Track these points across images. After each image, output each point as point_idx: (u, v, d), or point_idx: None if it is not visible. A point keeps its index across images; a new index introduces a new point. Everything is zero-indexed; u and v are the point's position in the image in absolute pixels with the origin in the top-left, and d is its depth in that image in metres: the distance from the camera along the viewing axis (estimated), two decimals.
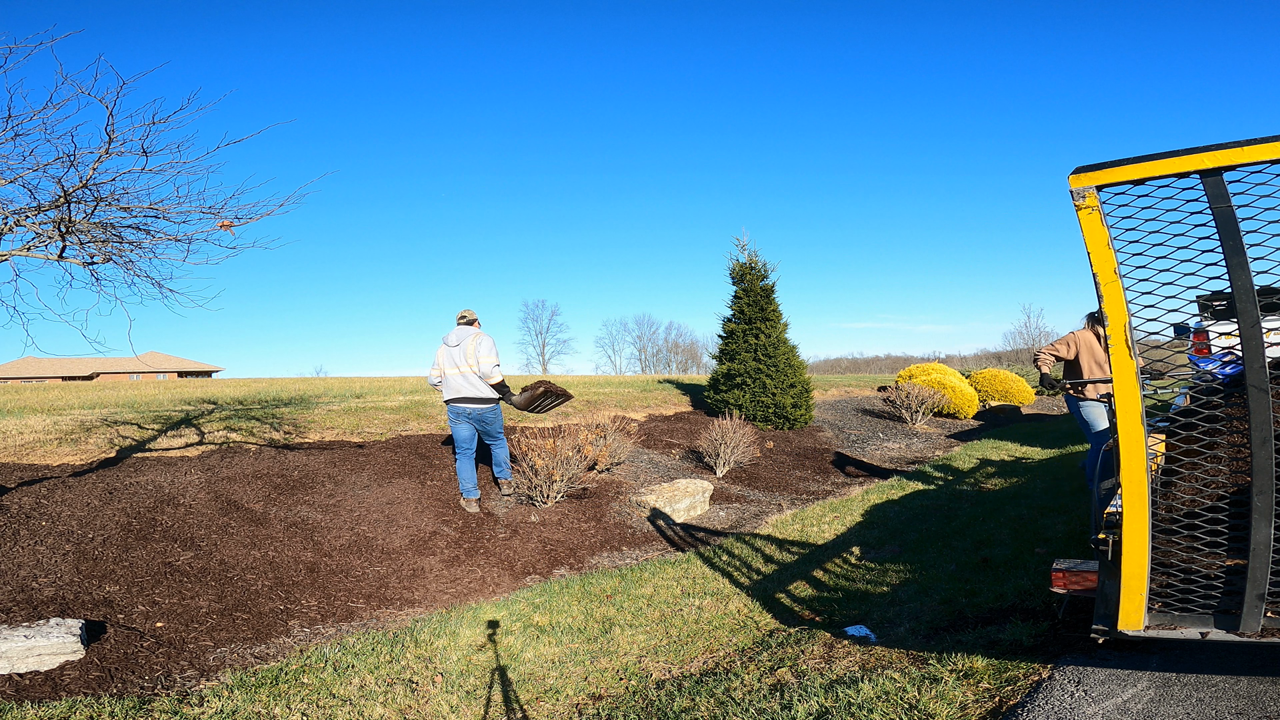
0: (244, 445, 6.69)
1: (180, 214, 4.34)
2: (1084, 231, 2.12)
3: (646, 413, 11.08)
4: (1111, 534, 2.46)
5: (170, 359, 54.68)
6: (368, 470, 6.53)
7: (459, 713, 3.14)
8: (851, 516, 6.64)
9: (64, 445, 6.07)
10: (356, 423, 8.12)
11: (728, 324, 11.87)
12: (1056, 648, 3.08)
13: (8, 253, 4.05)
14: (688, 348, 68.61)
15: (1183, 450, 2.38)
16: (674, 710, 2.97)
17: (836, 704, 2.77)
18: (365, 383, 16.33)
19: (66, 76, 3.66)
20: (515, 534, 5.82)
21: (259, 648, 3.69)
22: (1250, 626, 2.20)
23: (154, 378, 41.40)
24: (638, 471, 7.88)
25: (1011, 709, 2.57)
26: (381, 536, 5.34)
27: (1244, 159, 1.93)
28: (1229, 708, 2.44)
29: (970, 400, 15.47)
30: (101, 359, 43.62)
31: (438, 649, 3.68)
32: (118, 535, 4.50)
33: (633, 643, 3.84)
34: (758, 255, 11.70)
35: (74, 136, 4.30)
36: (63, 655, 3.16)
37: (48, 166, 3.91)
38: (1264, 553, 2.11)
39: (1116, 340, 2.13)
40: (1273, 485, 2.05)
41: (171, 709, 2.90)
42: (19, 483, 5.08)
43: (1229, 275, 2.01)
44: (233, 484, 5.66)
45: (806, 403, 11.40)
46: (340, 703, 3.10)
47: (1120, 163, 2.07)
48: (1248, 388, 2.03)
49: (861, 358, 74.37)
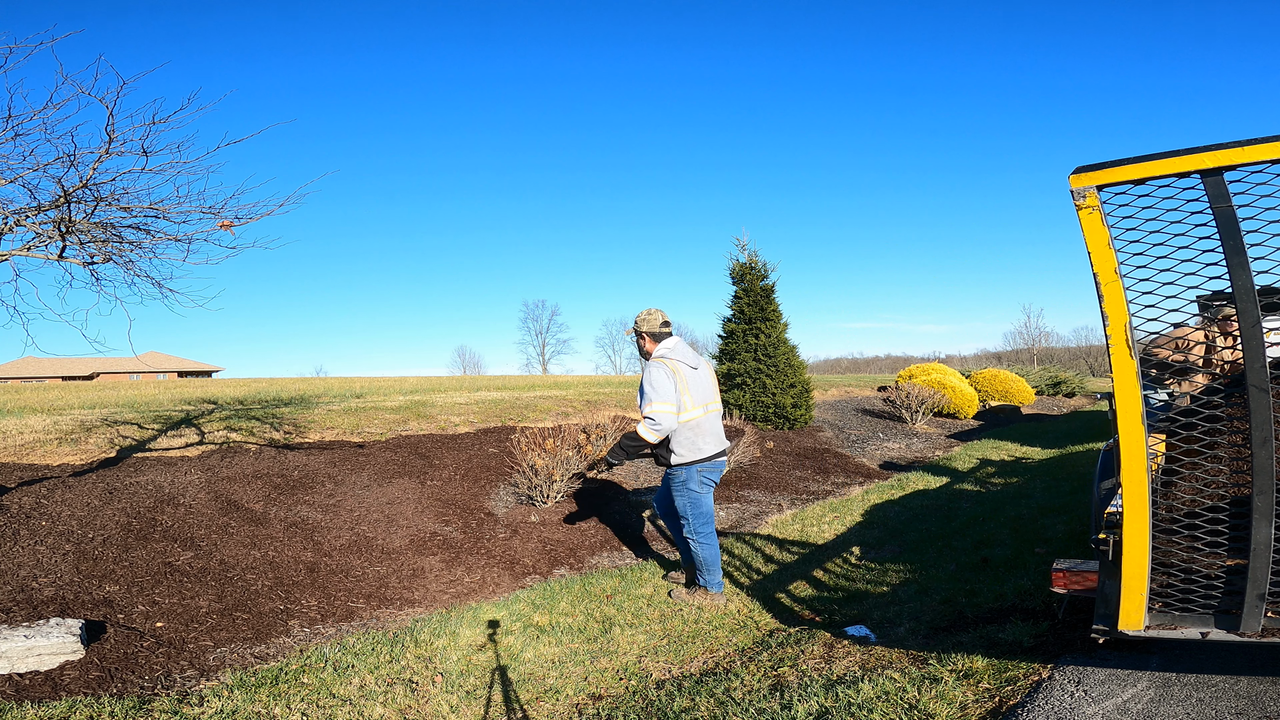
0: (244, 445, 6.69)
1: (180, 214, 4.34)
2: (1084, 231, 2.12)
3: None
4: (1112, 534, 2.46)
5: (170, 359, 54.69)
6: (368, 470, 6.52)
7: (459, 713, 3.14)
8: (851, 516, 6.63)
9: (64, 445, 6.07)
10: (356, 423, 8.12)
11: (728, 324, 11.87)
12: (1056, 648, 3.08)
13: (8, 253, 4.05)
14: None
15: (1183, 450, 2.38)
16: (674, 710, 2.97)
17: (836, 704, 2.76)
18: (365, 383, 16.33)
19: (67, 76, 3.66)
20: (515, 534, 5.82)
21: (259, 648, 3.69)
22: (1250, 626, 2.20)
23: (154, 378, 41.41)
24: (638, 471, 7.87)
25: (1011, 709, 2.57)
26: (381, 536, 5.33)
27: (1244, 159, 1.93)
28: (1229, 708, 2.44)
29: (970, 400, 15.47)
30: (101, 359, 43.64)
31: (438, 649, 3.68)
32: (118, 535, 4.50)
33: (633, 643, 3.84)
34: (758, 255, 11.70)
35: (74, 136, 4.30)
36: (63, 655, 3.16)
37: (48, 166, 3.91)
38: (1264, 553, 2.11)
39: (1116, 340, 2.13)
40: (1273, 485, 2.05)
41: (171, 709, 2.90)
42: (19, 483, 5.08)
43: (1229, 275, 2.01)
44: (233, 484, 5.65)
45: (806, 403, 11.40)
46: (340, 703, 3.09)
47: (1121, 163, 2.07)
48: (1248, 388, 2.03)
49: (861, 358, 74.41)
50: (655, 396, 4.11)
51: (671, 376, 4.14)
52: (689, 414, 4.21)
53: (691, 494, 4.27)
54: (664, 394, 4.11)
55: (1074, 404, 21.56)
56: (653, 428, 4.12)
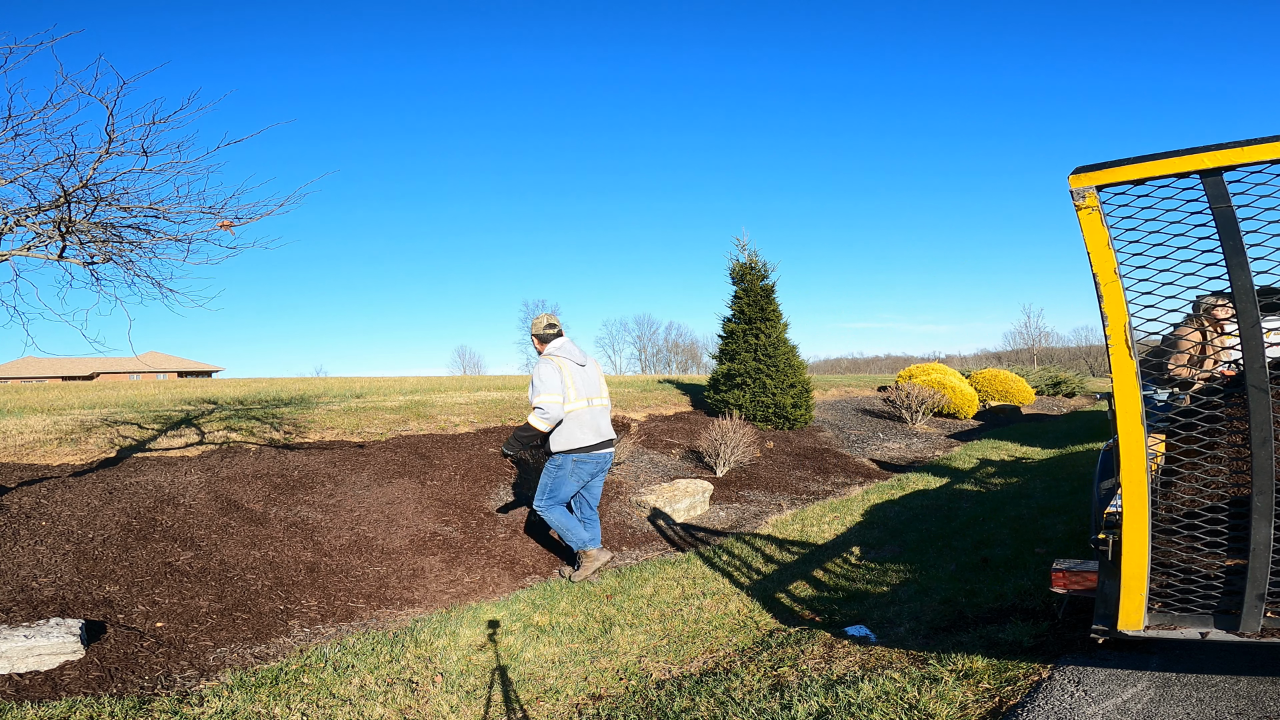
0: (244, 445, 6.69)
1: (180, 214, 4.34)
2: (1084, 232, 2.12)
3: (646, 413, 11.07)
4: (1111, 534, 2.46)
5: (170, 359, 54.67)
6: (368, 470, 6.53)
7: (459, 713, 3.14)
8: (851, 516, 6.63)
9: (64, 445, 6.07)
10: (356, 423, 8.12)
11: (728, 324, 11.87)
12: (1056, 648, 3.08)
13: (8, 253, 4.05)
14: (688, 348, 68.63)
15: (1183, 450, 2.38)
16: (674, 710, 2.97)
17: (836, 704, 2.77)
18: (365, 383, 16.33)
19: (67, 76, 3.66)
20: (515, 534, 5.82)
21: (259, 648, 3.69)
22: (1250, 626, 2.20)
23: (154, 378, 41.39)
24: (638, 471, 7.87)
25: (1011, 709, 2.58)
26: (381, 536, 5.34)
27: (1244, 159, 1.93)
28: (1229, 708, 2.44)
29: (970, 400, 15.47)
30: (101, 359, 43.62)
31: (438, 649, 3.68)
32: (118, 535, 4.50)
33: (633, 643, 3.84)
34: (758, 255, 11.70)
35: (74, 136, 4.29)
36: (63, 655, 3.16)
37: (48, 166, 3.91)
38: (1264, 553, 2.11)
39: (1116, 340, 2.13)
40: (1272, 485, 2.05)
41: (171, 709, 2.90)
42: (19, 482, 5.08)
43: (1229, 275, 2.01)
44: (233, 484, 5.66)
45: (806, 403, 11.40)
46: (340, 703, 3.09)
47: (1120, 163, 2.07)
48: (1248, 388, 2.03)
49: (861, 358, 74.43)
50: (543, 389, 4.59)
51: (557, 371, 4.64)
52: (572, 405, 4.70)
53: (558, 475, 4.73)
54: (550, 386, 4.59)
55: (1074, 404, 21.56)
56: (543, 416, 4.58)
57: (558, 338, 4.84)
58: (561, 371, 4.65)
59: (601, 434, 4.78)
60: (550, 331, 4.84)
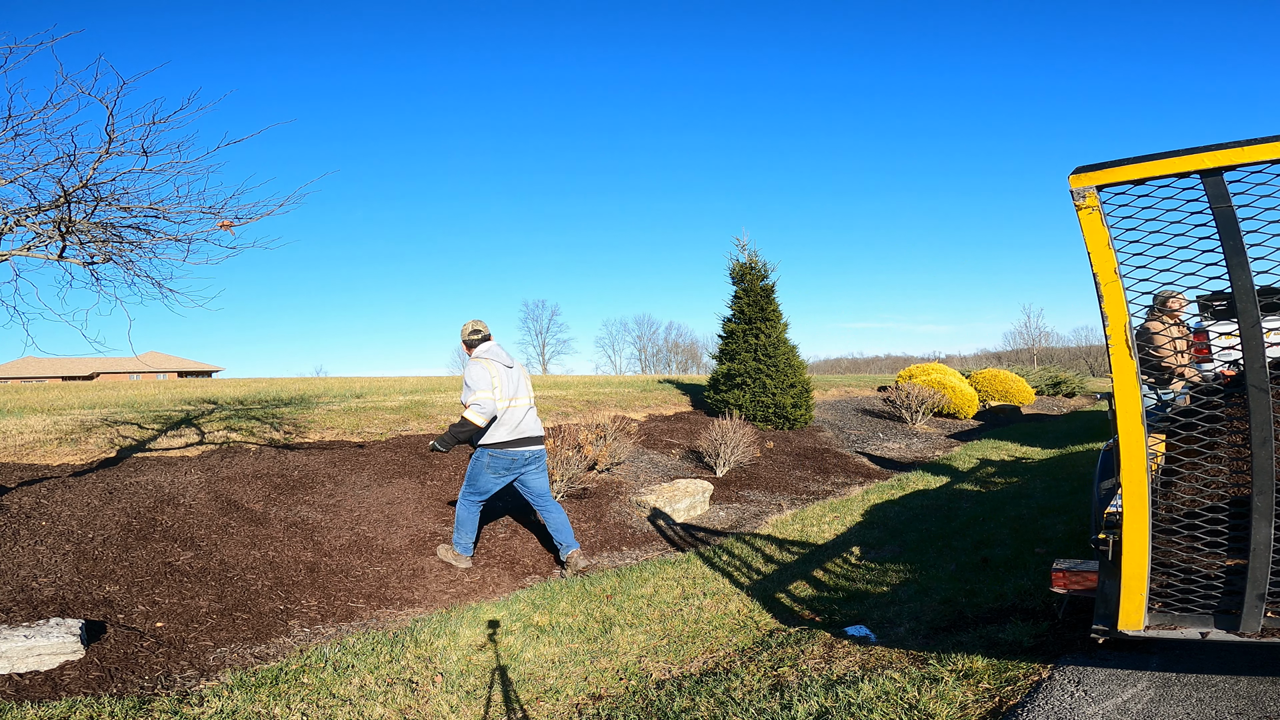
0: (244, 445, 6.69)
1: (180, 214, 4.34)
2: (1084, 231, 2.12)
3: (646, 413, 11.07)
4: (1111, 534, 2.46)
5: (170, 359, 54.65)
6: (368, 470, 6.53)
7: (459, 713, 3.14)
8: (851, 516, 6.63)
9: (64, 445, 6.07)
10: (356, 423, 8.12)
11: (728, 324, 11.87)
12: (1056, 648, 3.08)
13: (8, 253, 4.05)
14: (688, 348, 68.66)
15: (1183, 450, 2.38)
16: (674, 710, 2.97)
17: (836, 704, 2.76)
18: (365, 383, 16.33)
19: (67, 76, 3.66)
20: (515, 534, 5.82)
21: (259, 648, 3.69)
22: (1250, 626, 2.20)
23: (154, 378, 41.39)
24: (638, 471, 7.87)
25: (1011, 709, 2.57)
26: (381, 536, 5.34)
27: (1244, 159, 1.93)
28: (1229, 708, 2.44)
29: (970, 400, 15.47)
30: (101, 359, 43.62)
31: (438, 649, 3.68)
32: (118, 535, 4.50)
33: (633, 643, 3.84)
34: (758, 255, 11.71)
35: (74, 136, 4.29)
36: (63, 655, 3.16)
37: (48, 166, 3.91)
38: (1264, 553, 2.11)
39: (1116, 340, 2.13)
40: (1273, 485, 2.05)
41: (171, 709, 2.90)
42: (19, 483, 5.08)
43: (1229, 275, 2.01)
44: (233, 484, 5.66)
45: (806, 403, 11.41)
46: (340, 703, 3.09)
47: (1120, 163, 2.07)
48: (1248, 388, 2.03)
49: (861, 358, 74.43)
50: (476, 387, 4.87)
51: (486, 371, 4.91)
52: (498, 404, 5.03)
53: (478, 468, 5.01)
54: (482, 384, 4.86)
55: (1074, 404, 21.56)
56: (479, 411, 4.84)
57: (485, 342, 5.11)
58: (489, 372, 4.92)
59: (520, 431, 5.03)
60: (476, 337, 5.11)
